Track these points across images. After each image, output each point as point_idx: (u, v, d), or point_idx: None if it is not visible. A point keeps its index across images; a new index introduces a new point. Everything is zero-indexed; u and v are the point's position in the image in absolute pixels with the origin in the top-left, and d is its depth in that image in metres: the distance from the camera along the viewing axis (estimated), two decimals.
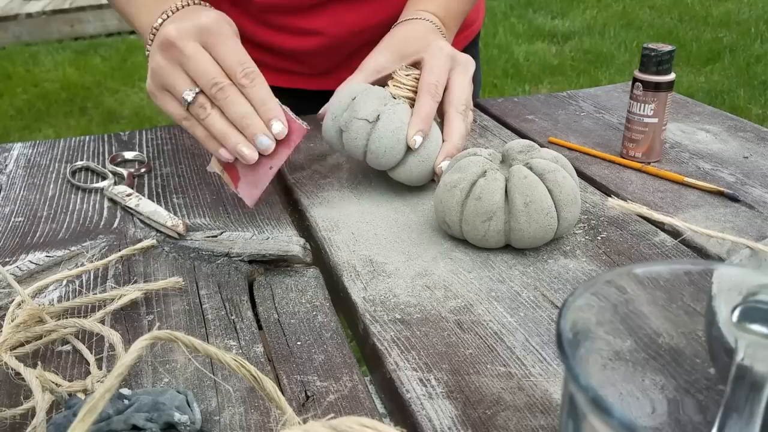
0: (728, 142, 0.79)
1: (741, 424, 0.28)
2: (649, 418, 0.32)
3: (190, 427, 0.38)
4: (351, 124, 0.64)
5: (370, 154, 0.64)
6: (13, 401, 0.43)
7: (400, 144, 0.63)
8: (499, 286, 0.53)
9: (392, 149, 0.63)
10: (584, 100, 0.94)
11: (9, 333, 0.45)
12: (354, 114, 0.64)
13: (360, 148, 0.64)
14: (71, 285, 0.55)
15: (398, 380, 0.44)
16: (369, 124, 0.64)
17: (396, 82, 0.68)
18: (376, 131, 0.63)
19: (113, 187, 0.69)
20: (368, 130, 0.64)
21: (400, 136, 0.63)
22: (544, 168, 0.56)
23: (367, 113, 0.64)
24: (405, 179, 0.66)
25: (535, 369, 0.44)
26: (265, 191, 0.63)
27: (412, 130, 0.63)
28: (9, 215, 0.66)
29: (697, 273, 0.31)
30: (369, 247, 0.59)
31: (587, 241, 0.59)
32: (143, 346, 0.30)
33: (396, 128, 0.63)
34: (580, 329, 0.29)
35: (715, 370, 0.32)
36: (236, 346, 0.47)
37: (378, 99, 0.65)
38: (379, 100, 0.65)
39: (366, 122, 0.64)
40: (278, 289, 0.54)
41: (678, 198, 0.66)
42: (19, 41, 4.16)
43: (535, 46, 3.78)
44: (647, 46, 0.71)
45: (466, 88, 0.69)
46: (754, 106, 2.88)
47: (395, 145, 0.63)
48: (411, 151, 0.64)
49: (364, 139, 0.64)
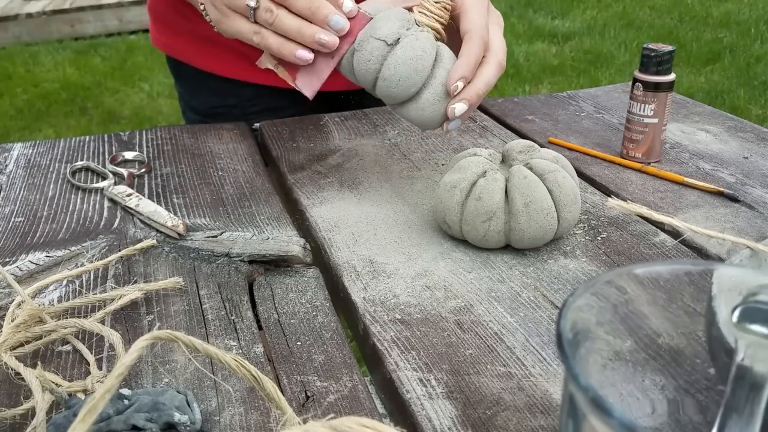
0: (728, 143, 0.79)
1: (741, 425, 0.28)
2: (649, 418, 0.32)
3: (190, 427, 0.38)
4: (366, 44, 0.58)
5: (382, 80, 0.58)
6: (13, 401, 0.43)
7: (418, 75, 0.57)
8: (499, 286, 0.53)
9: (407, 79, 0.57)
10: (584, 101, 0.94)
11: (9, 333, 0.45)
12: (372, 32, 0.58)
13: (372, 72, 0.58)
14: (71, 285, 0.55)
15: (398, 380, 0.44)
16: (387, 47, 0.57)
17: (422, 8, 0.61)
18: (393, 56, 0.57)
19: (113, 187, 0.69)
20: (384, 53, 0.58)
21: (419, 67, 0.57)
22: (544, 168, 0.56)
23: (387, 34, 0.57)
24: (414, 118, 0.60)
25: (535, 369, 0.44)
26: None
27: (456, 73, 0.58)
28: (9, 215, 0.66)
29: (697, 273, 0.31)
30: (369, 247, 0.59)
31: (587, 242, 0.59)
32: (143, 346, 0.30)
33: (416, 56, 0.57)
34: (580, 329, 0.29)
35: (715, 370, 0.32)
36: (236, 346, 0.47)
37: (401, 21, 0.58)
38: (401, 22, 0.58)
39: (384, 44, 0.57)
40: (278, 289, 0.54)
41: (678, 198, 0.66)
42: (19, 41, 4.16)
43: (535, 47, 3.77)
44: (647, 46, 0.71)
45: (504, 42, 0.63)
46: (754, 106, 2.88)
47: (412, 75, 0.57)
48: (426, 85, 0.58)
49: (378, 62, 0.58)
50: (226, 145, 0.81)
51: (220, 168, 0.75)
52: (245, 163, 0.76)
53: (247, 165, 0.76)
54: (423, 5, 0.61)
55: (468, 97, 0.59)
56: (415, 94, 0.59)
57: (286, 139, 0.82)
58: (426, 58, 0.58)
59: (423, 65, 0.57)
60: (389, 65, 0.57)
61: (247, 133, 0.85)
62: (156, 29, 0.95)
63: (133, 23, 4.24)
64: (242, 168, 0.75)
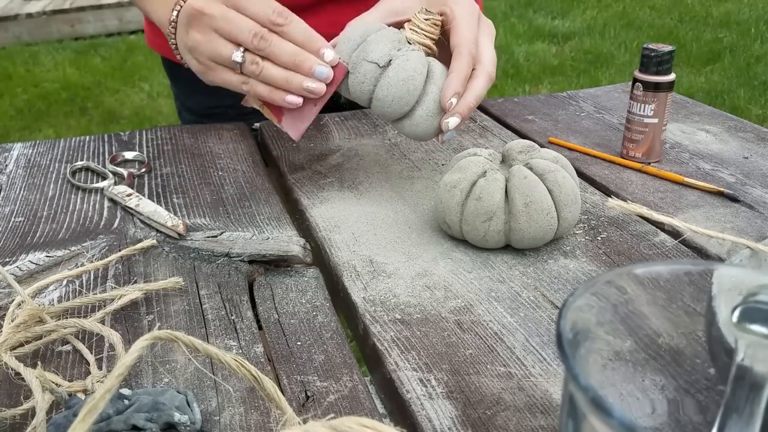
0: (728, 143, 0.79)
1: (741, 425, 0.28)
2: (649, 418, 0.32)
3: (190, 427, 0.38)
4: (359, 66, 0.60)
5: (376, 101, 0.60)
6: (13, 401, 0.43)
7: (410, 95, 0.59)
8: (499, 286, 0.53)
9: (400, 99, 0.59)
10: (584, 101, 0.94)
11: (9, 333, 0.45)
12: (364, 55, 0.59)
13: (366, 93, 0.60)
14: (71, 285, 0.55)
15: (398, 380, 0.44)
16: (379, 69, 0.59)
17: (413, 26, 0.62)
18: (386, 77, 0.59)
19: (113, 187, 0.69)
20: (377, 75, 0.59)
21: (411, 87, 0.59)
22: (544, 168, 0.56)
23: (379, 56, 0.59)
24: (409, 133, 0.62)
25: (535, 369, 0.44)
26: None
27: (449, 91, 0.59)
28: (9, 215, 0.66)
29: (697, 273, 0.31)
30: (369, 247, 0.59)
31: (587, 242, 0.59)
32: (143, 346, 0.30)
33: (407, 77, 0.59)
34: (580, 329, 0.29)
35: (715, 370, 0.32)
36: (236, 346, 0.47)
37: (392, 42, 0.60)
38: (392, 43, 0.60)
39: (376, 66, 0.59)
40: (278, 289, 0.54)
41: (678, 198, 0.66)
42: (20, 41, 4.16)
43: (536, 47, 3.78)
44: (647, 46, 0.71)
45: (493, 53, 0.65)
46: (754, 106, 2.88)
47: (404, 95, 0.59)
48: (419, 103, 0.60)
49: (372, 84, 0.60)
50: (226, 145, 0.81)
51: (220, 168, 0.75)
52: (245, 163, 0.76)
53: (247, 165, 0.76)
54: (413, 23, 0.63)
55: (460, 111, 0.61)
56: (409, 111, 0.61)
57: (286, 139, 0.82)
58: (417, 77, 0.59)
59: (415, 85, 0.59)
60: (382, 87, 0.59)
61: (247, 133, 0.85)
62: (151, 30, 0.95)
63: (133, 23, 4.24)
64: (242, 168, 0.75)
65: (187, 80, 0.95)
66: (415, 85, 0.59)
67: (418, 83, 0.59)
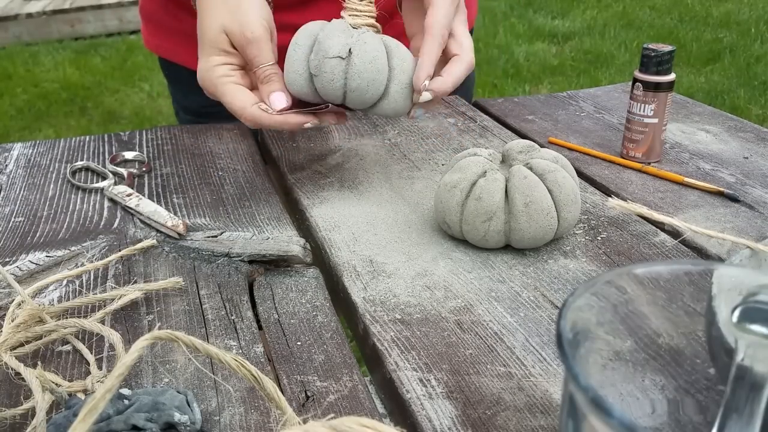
0: (728, 143, 0.79)
1: (741, 425, 0.28)
2: (649, 418, 0.32)
3: (190, 427, 0.38)
4: (323, 66, 0.59)
5: (352, 92, 0.59)
6: (13, 401, 0.43)
7: (381, 75, 0.59)
8: (499, 286, 0.53)
9: (374, 81, 0.59)
10: (584, 101, 0.94)
11: (9, 333, 0.45)
12: (324, 54, 0.59)
13: (338, 89, 0.60)
14: (71, 285, 0.55)
15: (398, 380, 0.44)
16: (343, 61, 0.59)
17: (351, 12, 0.62)
18: (353, 67, 0.58)
19: (113, 187, 0.69)
20: (344, 67, 0.59)
21: (379, 66, 0.59)
22: (544, 168, 0.56)
23: (339, 50, 0.58)
24: (391, 111, 0.62)
25: (535, 369, 0.44)
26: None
27: (423, 73, 0.60)
28: (9, 215, 0.66)
29: (697, 273, 0.31)
30: (369, 247, 0.59)
31: (587, 242, 0.59)
32: (143, 346, 0.30)
33: (373, 58, 0.59)
34: (580, 329, 0.29)
35: (715, 370, 0.32)
36: (236, 346, 0.47)
37: (343, 32, 0.60)
38: (344, 33, 0.60)
39: (339, 59, 0.58)
40: (278, 289, 0.54)
41: (678, 198, 0.66)
42: (19, 41, 4.16)
43: (535, 47, 3.77)
44: (647, 46, 0.71)
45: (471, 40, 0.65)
46: (754, 106, 2.88)
47: (376, 76, 0.59)
48: (391, 79, 0.60)
49: (342, 78, 0.59)
50: (226, 145, 0.81)
51: (220, 168, 0.75)
52: (245, 163, 0.76)
53: (247, 165, 0.76)
54: (349, 8, 0.63)
55: (436, 88, 0.61)
56: (384, 91, 0.61)
57: (286, 139, 0.82)
58: (381, 57, 0.59)
59: (382, 64, 0.59)
60: (353, 77, 0.59)
61: (247, 133, 0.85)
62: (147, 30, 0.95)
63: (133, 23, 4.24)
64: (242, 168, 0.75)
65: (184, 80, 0.95)
66: (383, 64, 0.59)
67: (383, 62, 0.60)
